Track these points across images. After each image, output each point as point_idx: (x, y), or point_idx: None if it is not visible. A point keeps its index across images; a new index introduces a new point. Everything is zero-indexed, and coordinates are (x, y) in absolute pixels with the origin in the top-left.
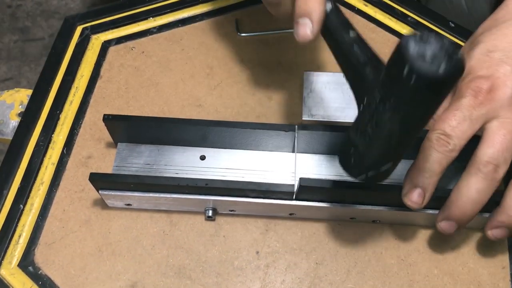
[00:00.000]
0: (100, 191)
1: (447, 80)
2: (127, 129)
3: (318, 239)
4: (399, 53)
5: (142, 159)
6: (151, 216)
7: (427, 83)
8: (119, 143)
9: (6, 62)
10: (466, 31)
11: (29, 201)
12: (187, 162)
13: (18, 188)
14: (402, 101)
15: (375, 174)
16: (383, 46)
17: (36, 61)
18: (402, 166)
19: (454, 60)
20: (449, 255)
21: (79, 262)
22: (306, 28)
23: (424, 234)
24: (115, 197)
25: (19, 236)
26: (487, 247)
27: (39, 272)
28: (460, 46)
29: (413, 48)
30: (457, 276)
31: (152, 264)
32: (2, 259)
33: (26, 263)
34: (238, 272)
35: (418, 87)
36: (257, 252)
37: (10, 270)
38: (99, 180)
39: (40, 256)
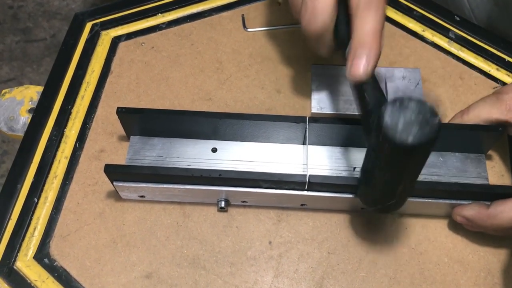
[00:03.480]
0: (114, 183)
1: (418, 146)
2: (140, 122)
3: (329, 229)
4: (378, 120)
5: (155, 152)
6: (164, 208)
7: (399, 149)
8: (131, 136)
9: (8, 62)
10: (471, 25)
11: (43, 194)
12: (199, 155)
13: (32, 182)
14: (386, 160)
15: (383, 207)
16: (389, 40)
17: (38, 61)
18: None
19: (428, 126)
20: (459, 243)
21: (94, 254)
22: (361, 64)
23: (434, 224)
24: (129, 188)
25: (34, 229)
26: (497, 236)
27: (54, 264)
28: (436, 113)
29: (388, 116)
30: (467, 264)
31: (166, 255)
32: (18, 251)
33: (42, 255)
34: (251, 262)
35: (393, 151)
36: (270, 242)
37: (26, 262)
38: (114, 172)
39: (55, 248)
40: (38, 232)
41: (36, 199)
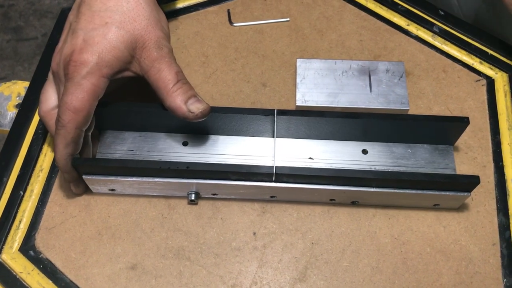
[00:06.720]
0: (83, 176)
1: None
2: (110, 116)
3: (313, 220)
4: None
5: (125, 146)
6: (149, 200)
7: None
8: (102, 130)
9: None
10: (455, 19)
11: (29, 187)
12: (170, 148)
13: (18, 175)
14: None
15: None
16: (374, 34)
17: (29, 60)
18: (380, 149)
19: None
20: (441, 233)
21: (79, 246)
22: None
23: (416, 214)
24: (98, 182)
25: (20, 222)
26: (478, 226)
27: (40, 256)
28: None
29: None
30: (449, 254)
31: (151, 247)
32: (3, 244)
33: (27, 248)
34: (236, 253)
35: None
36: (254, 233)
37: (11, 255)
38: (82, 165)
39: (40, 241)
40: (23, 225)
41: (22, 192)
